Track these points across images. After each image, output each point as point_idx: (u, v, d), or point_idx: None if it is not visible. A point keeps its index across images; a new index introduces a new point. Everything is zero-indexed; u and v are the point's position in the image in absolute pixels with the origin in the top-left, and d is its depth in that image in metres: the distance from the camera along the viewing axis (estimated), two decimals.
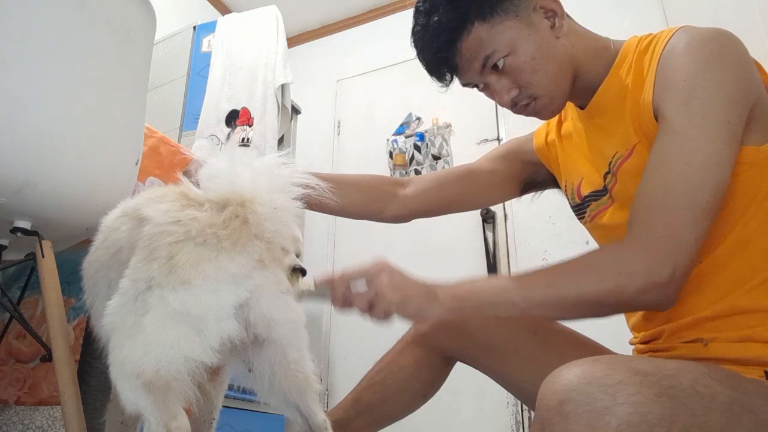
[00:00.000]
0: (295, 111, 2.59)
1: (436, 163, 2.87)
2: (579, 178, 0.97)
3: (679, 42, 0.78)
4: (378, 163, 3.01)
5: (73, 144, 1.07)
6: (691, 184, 0.70)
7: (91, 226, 1.01)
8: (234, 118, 2.29)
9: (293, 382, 0.90)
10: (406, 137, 3.00)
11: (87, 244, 1.00)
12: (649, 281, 0.69)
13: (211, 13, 3.36)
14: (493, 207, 2.58)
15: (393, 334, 1.09)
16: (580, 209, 0.98)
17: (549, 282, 0.75)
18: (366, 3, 3.50)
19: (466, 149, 2.79)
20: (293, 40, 3.58)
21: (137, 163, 1.25)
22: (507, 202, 2.51)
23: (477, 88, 0.93)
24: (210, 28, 2.50)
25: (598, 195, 0.93)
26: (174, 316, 0.75)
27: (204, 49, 2.47)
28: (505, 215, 2.62)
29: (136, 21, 1.21)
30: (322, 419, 0.92)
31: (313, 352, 0.93)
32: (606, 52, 0.89)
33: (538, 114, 0.91)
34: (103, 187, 1.13)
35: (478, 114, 2.80)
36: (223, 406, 1.08)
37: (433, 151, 2.89)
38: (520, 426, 2.24)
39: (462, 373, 1.09)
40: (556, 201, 1.17)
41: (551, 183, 1.12)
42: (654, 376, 0.57)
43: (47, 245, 1.10)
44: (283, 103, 2.35)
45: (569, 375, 0.58)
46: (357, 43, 3.51)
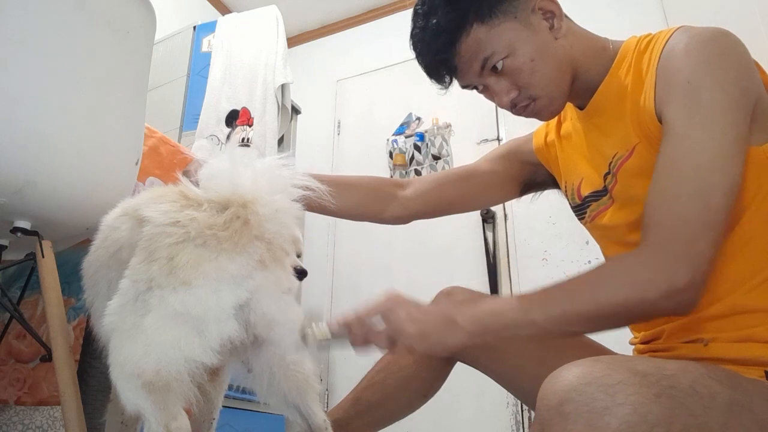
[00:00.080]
0: (295, 111, 2.59)
1: (436, 163, 2.87)
2: (579, 178, 0.97)
3: (679, 42, 0.78)
4: (378, 163, 3.01)
5: (73, 144, 1.07)
6: (702, 186, 0.70)
7: (91, 226, 1.01)
8: (234, 118, 2.29)
9: (293, 382, 0.90)
10: (406, 137, 3.00)
11: (87, 244, 1.01)
12: (670, 288, 0.68)
13: (211, 13, 3.36)
14: (493, 207, 2.58)
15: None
16: (580, 210, 0.98)
17: (568, 297, 0.73)
18: (366, 3, 3.50)
19: (466, 149, 2.79)
20: (293, 40, 3.57)
21: (137, 163, 1.25)
22: (507, 202, 2.51)
23: (476, 90, 0.92)
24: (210, 28, 2.50)
25: (598, 195, 0.93)
26: (174, 316, 0.75)
27: (204, 49, 2.47)
28: (505, 215, 2.62)
29: (136, 21, 1.21)
30: (322, 419, 0.92)
31: (313, 352, 0.93)
32: (605, 52, 0.89)
33: (538, 115, 0.91)
34: (103, 187, 1.13)
35: (478, 114, 2.80)
36: (223, 406, 1.08)
37: (433, 151, 2.89)
38: (520, 426, 2.24)
39: (462, 373, 1.09)
40: (556, 201, 1.17)
41: (551, 183, 1.11)
42: (653, 377, 0.57)
43: (47, 245, 1.10)
44: (283, 103, 2.36)
45: (569, 375, 0.58)
46: (357, 43, 3.51)
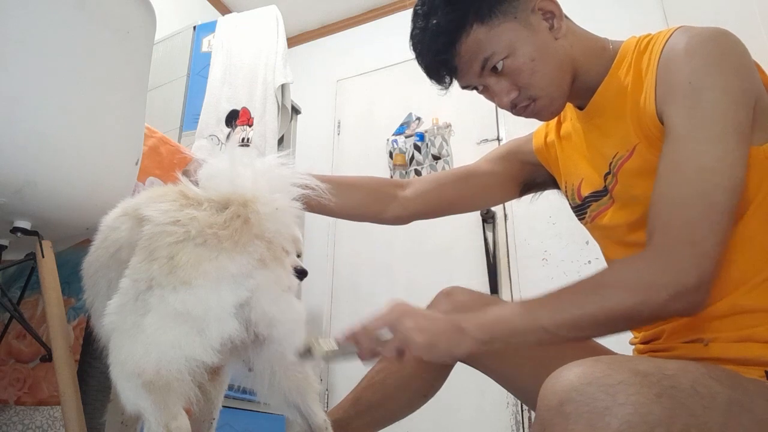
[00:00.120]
0: (295, 111, 2.59)
1: (436, 163, 2.87)
2: (579, 178, 0.97)
3: (679, 42, 0.78)
4: (378, 163, 3.01)
5: (73, 144, 1.07)
6: (706, 188, 0.70)
7: (91, 226, 1.01)
8: (234, 118, 2.29)
9: (293, 382, 0.90)
10: (406, 137, 2.99)
11: (87, 244, 1.00)
12: (677, 290, 0.68)
13: (211, 13, 3.36)
14: (493, 207, 2.58)
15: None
16: (580, 210, 0.98)
17: (576, 302, 0.73)
18: (366, 3, 3.50)
19: (466, 149, 2.79)
20: (293, 40, 3.57)
21: (137, 163, 1.25)
22: (507, 203, 2.51)
23: (476, 91, 0.92)
24: (210, 28, 2.50)
25: (598, 195, 0.93)
26: (175, 315, 0.75)
27: (204, 49, 2.47)
28: (505, 215, 2.62)
29: (136, 21, 1.21)
30: (322, 419, 0.92)
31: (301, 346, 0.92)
32: (605, 52, 0.89)
33: (538, 115, 0.91)
34: (103, 187, 1.13)
35: (478, 114, 2.80)
36: (223, 406, 1.08)
37: (433, 151, 2.89)
38: (520, 426, 2.24)
39: (462, 373, 1.09)
40: (556, 201, 1.17)
41: (551, 184, 1.11)
42: (654, 377, 0.57)
43: (47, 245, 1.10)
44: (283, 103, 2.35)
45: (570, 375, 0.58)
46: (357, 43, 3.51)
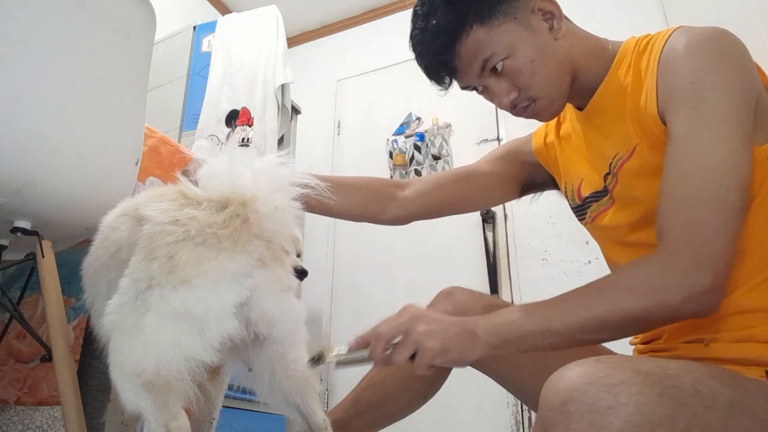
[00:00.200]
0: (295, 111, 2.59)
1: (436, 163, 2.87)
2: (579, 179, 0.97)
3: (678, 42, 0.78)
4: (378, 163, 3.01)
5: (73, 144, 1.07)
6: (715, 188, 0.70)
7: (91, 226, 1.01)
8: (234, 118, 2.29)
9: (293, 381, 0.90)
10: (406, 137, 2.99)
11: (87, 244, 1.00)
12: (692, 292, 0.67)
13: (211, 13, 3.36)
14: (493, 207, 2.57)
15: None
16: (580, 210, 0.98)
17: (589, 305, 0.72)
18: (366, 3, 3.50)
19: (466, 149, 2.79)
20: (293, 40, 3.57)
21: (137, 163, 1.25)
22: (507, 203, 2.51)
23: (476, 91, 0.92)
24: (210, 28, 2.50)
25: (598, 196, 0.93)
26: (174, 315, 0.75)
27: (204, 49, 2.47)
28: (505, 215, 2.62)
29: (136, 21, 1.21)
30: (322, 419, 0.92)
31: (313, 351, 0.92)
32: (604, 53, 0.89)
33: (538, 116, 0.91)
34: (103, 187, 1.13)
35: (478, 114, 2.80)
36: (223, 406, 1.08)
37: (433, 151, 2.89)
38: (520, 426, 2.24)
39: (462, 373, 1.08)
40: (556, 201, 1.16)
41: (550, 184, 1.11)
42: (656, 376, 0.57)
43: (47, 245, 1.10)
44: (283, 103, 2.35)
45: (572, 375, 0.58)
46: (357, 43, 3.51)
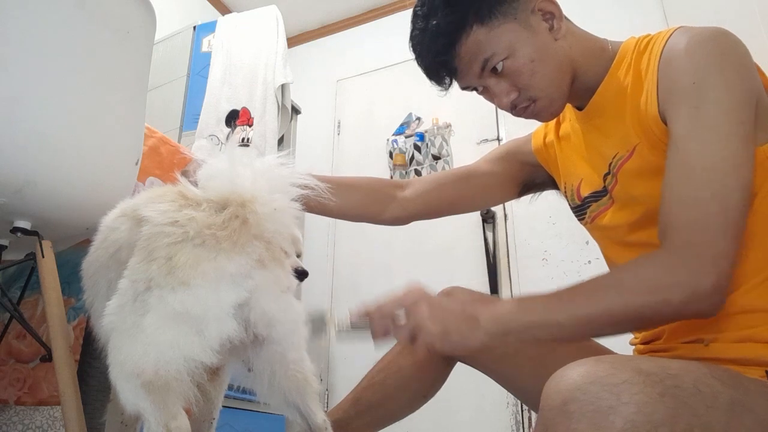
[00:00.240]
0: (295, 111, 2.58)
1: (436, 163, 2.87)
2: (578, 179, 0.97)
3: (679, 43, 0.78)
4: (378, 163, 3.01)
5: (73, 144, 1.07)
6: (718, 188, 0.70)
7: (91, 226, 1.01)
8: (234, 118, 2.29)
9: (293, 382, 0.90)
10: (406, 137, 2.99)
11: (87, 244, 1.00)
12: (696, 292, 0.67)
13: (211, 13, 3.36)
14: (493, 207, 2.58)
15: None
16: (580, 210, 0.98)
17: (592, 299, 0.72)
18: (366, 3, 3.50)
19: (466, 149, 2.79)
20: (293, 40, 3.57)
21: (137, 163, 1.25)
22: (507, 203, 2.51)
23: (476, 92, 0.92)
24: (210, 28, 2.50)
25: (598, 196, 0.93)
26: (174, 316, 0.75)
27: (204, 49, 2.47)
28: (505, 215, 2.62)
29: (136, 21, 1.21)
30: (322, 419, 0.92)
31: (313, 352, 0.92)
32: (604, 53, 0.89)
33: (538, 116, 0.91)
34: (103, 187, 1.13)
35: (478, 114, 2.80)
36: (223, 406, 1.08)
37: (433, 151, 2.89)
38: (520, 426, 2.24)
39: (462, 373, 1.09)
40: (556, 201, 1.17)
41: (550, 184, 1.11)
42: (657, 376, 0.57)
43: (47, 245, 1.10)
44: (283, 103, 2.35)
45: (573, 375, 0.58)
46: (357, 43, 3.51)
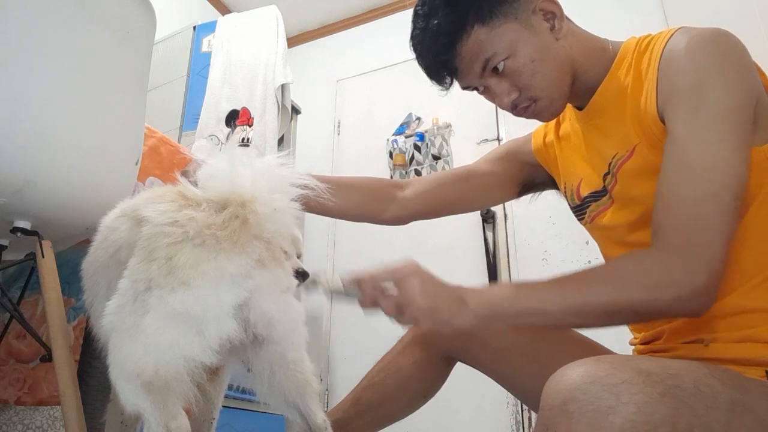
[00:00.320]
0: (295, 111, 2.58)
1: (436, 163, 2.87)
2: (578, 179, 0.97)
3: (679, 43, 0.78)
4: (378, 163, 3.01)
5: (73, 144, 1.07)
6: (714, 188, 0.70)
7: (91, 226, 1.01)
8: (234, 118, 2.29)
9: (293, 382, 0.90)
10: (406, 137, 2.99)
11: (87, 244, 1.00)
12: (686, 290, 0.68)
13: (211, 13, 3.36)
14: (493, 207, 2.58)
15: (393, 334, 1.09)
16: (579, 210, 0.98)
17: (584, 290, 0.72)
18: (366, 3, 3.50)
19: (466, 149, 2.79)
20: (293, 40, 3.58)
21: (137, 163, 1.25)
22: (507, 203, 2.51)
23: (476, 91, 0.92)
24: (210, 28, 2.50)
25: (597, 196, 0.93)
26: (173, 316, 0.75)
27: (204, 49, 2.47)
28: (505, 215, 2.62)
29: (136, 21, 1.21)
30: (322, 419, 0.92)
31: (313, 352, 0.92)
32: (604, 53, 0.89)
33: (539, 116, 0.91)
34: (103, 187, 1.13)
35: (478, 114, 2.80)
36: (223, 406, 1.08)
37: (433, 151, 2.89)
38: (520, 426, 2.24)
39: (462, 373, 1.09)
40: (556, 201, 1.17)
41: (550, 184, 1.11)
42: (657, 376, 0.57)
43: (47, 245, 1.10)
44: (283, 103, 2.35)
45: (573, 374, 0.58)
46: (357, 43, 3.51)
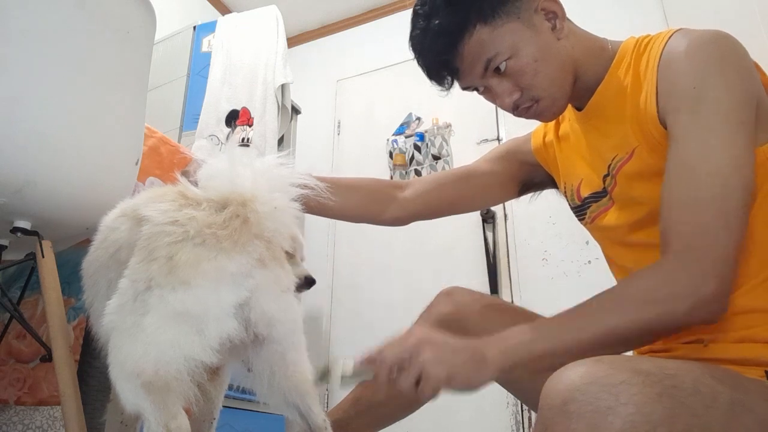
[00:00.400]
0: (295, 111, 2.58)
1: (436, 163, 2.87)
2: (578, 179, 0.97)
3: (679, 45, 0.78)
4: (378, 163, 3.01)
5: (73, 144, 1.07)
6: (719, 192, 0.70)
7: (91, 226, 1.01)
8: (234, 118, 2.29)
9: (293, 382, 0.90)
10: (406, 137, 2.99)
11: (87, 244, 1.00)
12: (699, 299, 0.67)
13: (211, 13, 3.36)
14: (493, 207, 2.58)
15: (393, 334, 1.09)
16: (580, 210, 0.98)
17: (597, 320, 0.71)
18: (366, 3, 3.49)
19: (466, 149, 2.79)
20: (293, 40, 3.57)
21: (137, 163, 1.25)
22: (507, 202, 2.51)
23: (477, 92, 0.92)
24: (210, 28, 2.50)
25: (597, 196, 0.93)
26: (174, 315, 0.75)
27: (204, 49, 2.47)
28: (505, 215, 2.62)
29: (136, 21, 1.21)
30: (322, 419, 0.92)
31: (313, 352, 0.92)
32: (604, 52, 0.89)
33: (540, 116, 0.91)
34: (103, 187, 1.13)
35: (478, 114, 2.80)
36: (223, 406, 1.08)
37: (433, 151, 2.89)
38: (520, 426, 2.24)
39: None
40: (556, 201, 1.16)
41: (549, 184, 1.11)
42: (656, 376, 0.57)
43: (47, 245, 1.10)
44: (283, 103, 2.35)
45: (572, 375, 0.58)
46: (357, 43, 3.50)
